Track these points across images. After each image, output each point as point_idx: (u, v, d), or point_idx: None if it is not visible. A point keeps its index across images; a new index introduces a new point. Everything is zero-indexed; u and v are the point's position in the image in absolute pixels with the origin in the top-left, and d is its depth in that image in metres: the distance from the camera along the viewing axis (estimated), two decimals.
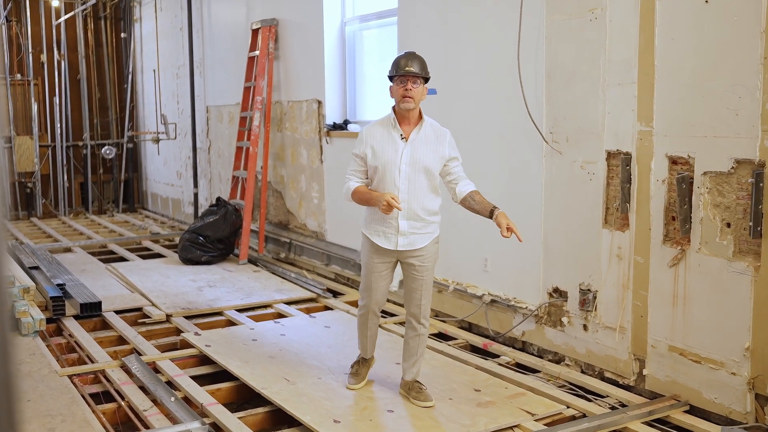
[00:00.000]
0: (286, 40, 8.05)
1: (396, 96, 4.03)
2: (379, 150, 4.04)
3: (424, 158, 4.02)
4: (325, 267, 7.47)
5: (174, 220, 11.39)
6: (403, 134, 4.04)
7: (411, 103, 3.98)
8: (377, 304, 4.27)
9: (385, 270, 4.19)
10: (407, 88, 3.97)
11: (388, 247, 4.09)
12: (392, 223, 4.05)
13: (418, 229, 4.07)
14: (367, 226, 4.18)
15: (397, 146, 4.03)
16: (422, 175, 4.03)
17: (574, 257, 4.74)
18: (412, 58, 4.02)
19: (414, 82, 3.98)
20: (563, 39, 4.67)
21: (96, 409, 4.22)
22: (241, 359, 4.88)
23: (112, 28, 12.81)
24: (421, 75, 4.01)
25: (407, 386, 4.28)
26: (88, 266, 7.88)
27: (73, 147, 12.49)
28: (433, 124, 4.11)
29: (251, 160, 8.21)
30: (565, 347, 4.85)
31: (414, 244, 4.08)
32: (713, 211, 3.90)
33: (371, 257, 4.17)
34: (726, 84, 3.77)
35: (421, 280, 4.15)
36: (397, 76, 4.01)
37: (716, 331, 3.93)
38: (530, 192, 5.01)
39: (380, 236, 4.10)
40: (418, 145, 4.03)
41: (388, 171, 4.01)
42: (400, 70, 3.98)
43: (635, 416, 3.99)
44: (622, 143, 4.35)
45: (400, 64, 4.00)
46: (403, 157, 4.01)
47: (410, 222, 4.05)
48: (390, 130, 4.07)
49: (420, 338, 4.24)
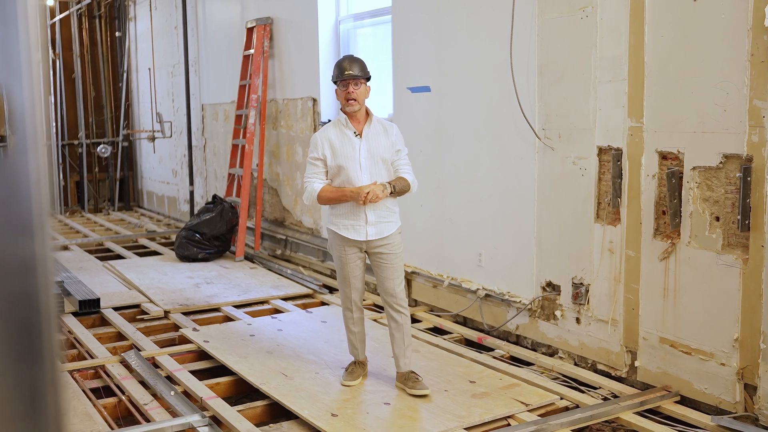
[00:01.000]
0: (281, 39, 8.11)
1: (341, 99, 4.30)
2: (338, 149, 4.27)
3: (380, 150, 4.28)
4: (320, 263, 7.54)
5: (170, 218, 11.44)
6: (356, 131, 4.29)
7: (355, 105, 4.24)
8: (358, 292, 4.43)
9: (359, 259, 4.39)
10: (349, 90, 4.22)
11: (358, 239, 4.30)
12: (361, 215, 4.27)
13: (384, 218, 4.31)
14: (332, 221, 4.37)
15: (353, 143, 4.27)
16: (381, 166, 4.29)
17: (566, 251, 4.81)
18: (352, 62, 4.27)
19: (356, 84, 4.23)
20: (555, 37, 4.74)
21: (97, 404, 4.28)
22: (239, 354, 4.95)
23: (107, 26, 12.84)
24: (361, 77, 4.24)
25: (403, 377, 4.37)
26: (86, 264, 7.93)
27: (69, 145, 12.53)
28: (380, 120, 4.39)
29: (247, 157, 8.27)
30: (559, 340, 4.92)
31: (382, 232, 4.31)
32: (702, 205, 3.97)
33: (342, 251, 4.36)
34: (714, 80, 3.84)
35: (391, 267, 4.35)
36: (339, 81, 4.25)
37: (706, 323, 4.01)
38: (523, 187, 5.08)
39: (349, 229, 4.31)
40: (371, 139, 4.29)
41: (350, 167, 4.24)
42: (342, 74, 4.23)
43: (627, 407, 4.06)
44: (613, 139, 4.42)
45: (342, 68, 4.25)
46: (361, 152, 4.26)
47: (377, 212, 4.29)
48: (343, 129, 4.31)
49: (403, 327, 4.37)
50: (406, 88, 6.10)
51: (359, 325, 4.52)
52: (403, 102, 6.16)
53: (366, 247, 4.33)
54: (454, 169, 5.68)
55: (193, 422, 3.90)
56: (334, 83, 4.31)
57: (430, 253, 5.98)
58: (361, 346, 4.55)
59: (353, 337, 4.53)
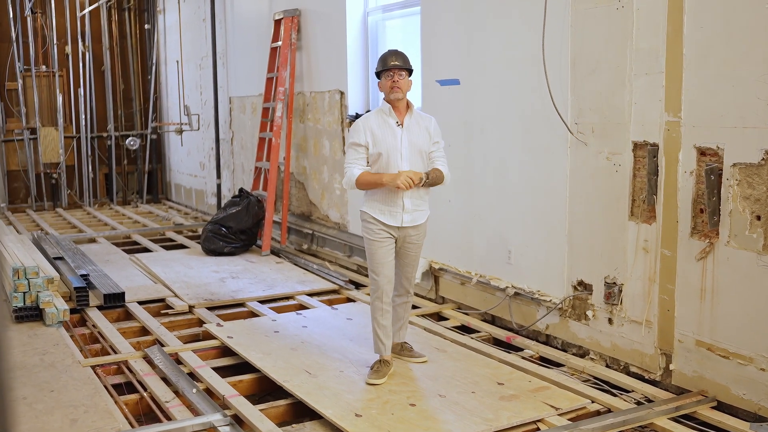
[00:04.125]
0: (309, 31, 8.02)
1: (385, 88, 4.43)
2: (380, 137, 4.38)
3: (419, 141, 4.42)
4: (347, 258, 7.45)
5: (197, 211, 11.43)
6: (398, 121, 4.40)
7: (399, 92, 4.39)
8: (388, 280, 4.46)
9: (391, 245, 4.46)
10: (395, 80, 4.38)
11: (394, 224, 4.40)
12: (398, 202, 4.38)
13: (419, 207, 4.46)
14: (369, 206, 4.45)
15: (395, 132, 4.39)
16: (418, 156, 4.42)
17: (599, 250, 4.67)
18: (396, 54, 4.45)
19: (400, 74, 4.39)
20: (589, 28, 4.59)
21: (119, 400, 4.24)
22: (262, 351, 4.87)
23: (136, 19, 12.84)
24: (405, 67, 4.42)
25: (398, 347, 4.70)
26: (112, 257, 7.92)
27: (98, 138, 12.56)
28: (419, 112, 4.54)
29: (274, 151, 8.20)
30: (590, 341, 4.78)
31: (416, 220, 4.45)
32: (743, 203, 3.81)
33: (376, 234, 4.42)
34: (756, 73, 3.68)
35: (414, 255, 4.57)
36: (384, 71, 4.41)
37: (745, 326, 3.85)
38: (555, 183, 4.94)
39: (386, 215, 4.40)
40: (412, 130, 4.42)
41: (391, 155, 4.36)
42: (387, 65, 4.41)
43: (661, 412, 3.92)
44: (649, 134, 4.27)
45: (386, 60, 4.43)
46: (403, 142, 4.38)
47: (413, 200, 4.42)
48: (386, 118, 4.42)
49: (408, 304, 4.72)
50: (435, 81, 5.98)
51: (387, 318, 4.47)
52: (432, 95, 6.03)
53: (398, 233, 4.43)
54: (484, 163, 5.55)
55: (214, 421, 3.83)
56: (377, 76, 4.46)
57: (459, 250, 5.86)
58: (387, 342, 4.48)
59: (381, 331, 4.45)
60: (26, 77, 11.91)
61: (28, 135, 11.87)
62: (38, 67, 11.96)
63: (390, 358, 4.50)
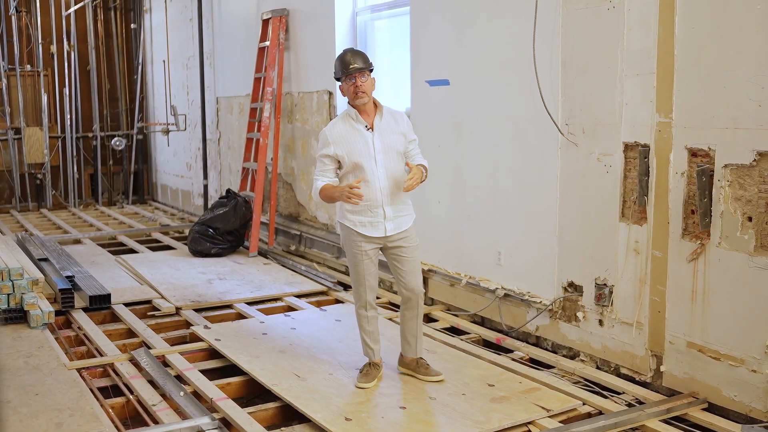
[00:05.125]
0: (297, 31, 7.97)
1: (348, 94, 4.18)
2: (351, 146, 4.16)
3: (392, 142, 4.20)
4: (335, 260, 7.41)
5: (184, 212, 11.36)
6: (368, 125, 4.18)
7: (365, 97, 4.14)
8: (373, 291, 4.33)
9: (375, 255, 4.30)
10: (357, 84, 4.12)
11: (377, 235, 4.21)
12: (378, 212, 4.18)
13: (401, 212, 4.26)
14: (346, 217, 4.26)
15: (366, 138, 4.17)
16: (395, 159, 4.21)
17: (589, 251, 4.65)
18: (355, 55, 4.16)
19: (362, 76, 4.13)
20: (580, 28, 4.57)
21: (104, 404, 4.18)
22: (251, 354, 4.82)
23: (122, 18, 12.75)
24: (366, 68, 4.15)
25: (413, 364, 4.40)
26: (98, 258, 7.84)
27: (83, 138, 12.46)
28: (389, 109, 4.28)
29: (261, 151, 8.14)
30: (580, 342, 4.76)
31: (401, 226, 4.26)
32: (734, 204, 3.80)
33: (359, 247, 4.25)
34: (748, 74, 3.67)
35: (411, 259, 4.30)
36: (344, 76, 4.15)
37: (736, 328, 3.84)
38: (545, 184, 4.92)
39: (366, 226, 4.21)
40: (384, 132, 4.20)
41: (365, 164, 4.14)
42: (346, 69, 4.13)
43: (653, 414, 3.91)
44: (640, 135, 4.25)
45: (345, 63, 4.15)
46: (375, 147, 4.16)
47: (394, 206, 4.22)
48: (353, 124, 4.19)
49: (418, 316, 4.38)
50: (424, 82, 5.95)
51: (373, 324, 4.40)
52: (421, 96, 6.00)
53: (385, 242, 4.26)
54: (473, 164, 5.53)
55: (202, 425, 3.78)
56: (338, 80, 4.23)
57: (448, 251, 5.83)
58: (375, 346, 4.42)
59: (367, 337, 4.40)
60: (11, 77, 11.79)
61: (13, 135, 11.76)
62: (23, 66, 11.85)
63: (380, 360, 4.45)
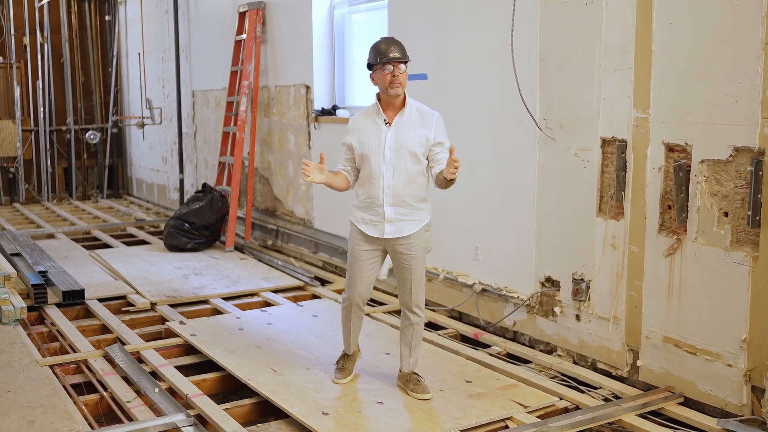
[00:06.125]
0: (274, 24, 7.91)
1: (382, 83, 3.93)
2: (364, 138, 4.00)
3: (408, 142, 3.94)
4: (312, 255, 7.37)
5: (159, 207, 11.25)
6: (387, 119, 3.98)
7: (399, 88, 3.90)
8: (360, 295, 4.15)
9: (371, 259, 4.10)
10: (395, 74, 3.88)
11: (375, 235, 4.02)
12: (378, 211, 3.99)
13: (405, 216, 4.00)
14: (353, 214, 4.12)
15: (380, 132, 3.97)
16: (408, 159, 3.95)
17: (567, 246, 4.65)
18: (393, 44, 3.93)
19: (399, 67, 3.89)
20: (558, 23, 4.57)
21: (78, 401, 4.12)
22: (227, 349, 4.78)
23: (96, 10, 12.58)
24: (404, 60, 3.92)
25: (405, 378, 4.18)
26: (72, 253, 7.74)
27: (57, 131, 12.29)
28: (420, 107, 4.02)
29: (238, 145, 8.08)
30: (558, 337, 4.77)
31: (402, 231, 4.00)
32: (711, 199, 3.82)
33: (357, 245, 4.09)
34: (725, 70, 3.68)
35: (409, 268, 4.05)
36: (380, 64, 3.90)
37: (712, 323, 3.86)
38: (523, 179, 4.92)
39: (367, 224, 4.04)
40: (401, 129, 3.95)
41: (372, 158, 3.97)
42: (384, 56, 3.88)
43: (629, 408, 3.92)
44: (618, 130, 4.26)
45: (383, 50, 3.90)
46: (386, 143, 3.95)
47: (396, 208, 3.98)
48: (374, 117, 4.01)
49: (414, 327, 4.13)
50: None
51: (356, 322, 4.26)
52: None
53: (385, 244, 4.04)
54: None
55: (177, 422, 3.73)
56: (369, 68, 3.98)
57: None
58: (353, 338, 4.30)
59: (345, 330, 4.30)
60: None
61: None
62: None
63: (354, 352, 4.35)
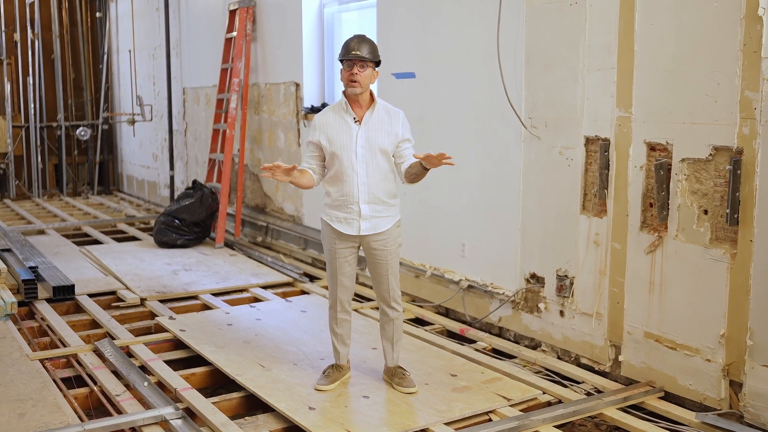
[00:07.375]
0: (264, 22, 7.95)
1: (344, 80, 3.97)
2: (334, 135, 4.00)
3: (379, 140, 3.99)
4: (302, 251, 7.43)
5: (150, 203, 11.28)
6: (356, 117, 4.00)
7: (357, 87, 3.93)
8: (346, 291, 4.18)
9: (350, 255, 4.13)
10: (353, 72, 3.91)
11: (351, 233, 4.05)
12: (353, 208, 4.02)
13: (380, 213, 4.05)
14: (325, 211, 4.14)
15: (351, 130, 3.99)
16: (379, 157, 4.00)
17: (551, 243, 4.72)
18: (362, 42, 3.94)
19: (361, 66, 3.92)
20: (543, 24, 4.64)
21: (68, 394, 4.17)
22: (215, 344, 4.83)
23: (87, 7, 12.58)
24: (369, 59, 3.93)
25: (390, 372, 4.23)
26: (62, 249, 7.77)
27: (47, 128, 12.30)
28: (386, 106, 4.07)
29: (228, 142, 8.12)
30: (542, 333, 4.84)
31: (377, 227, 4.05)
32: (691, 197, 3.89)
33: (333, 244, 4.11)
34: (705, 70, 3.76)
35: (385, 264, 4.11)
36: (345, 60, 3.94)
37: (692, 318, 3.94)
38: (508, 177, 4.98)
39: (341, 222, 4.06)
40: (372, 127, 3.99)
41: (344, 156, 3.98)
42: (348, 53, 3.91)
43: (610, 402, 3.99)
44: (601, 129, 4.33)
45: (349, 47, 3.93)
46: (358, 141, 3.97)
47: (372, 206, 4.03)
48: (342, 114, 4.02)
49: (394, 323, 4.18)
50: (390, 74, 5.98)
51: (343, 326, 4.24)
52: (389, 89, 6.03)
53: (360, 241, 4.08)
54: None
55: (166, 415, 3.78)
56: (340, 62, 4.00)
57: (413, 243, 5.88)
58: (343, 349, 4.26)
59: (336, 338, 4.25)
60: None
61: None
62: None
63: (345, 364, 4.30)
